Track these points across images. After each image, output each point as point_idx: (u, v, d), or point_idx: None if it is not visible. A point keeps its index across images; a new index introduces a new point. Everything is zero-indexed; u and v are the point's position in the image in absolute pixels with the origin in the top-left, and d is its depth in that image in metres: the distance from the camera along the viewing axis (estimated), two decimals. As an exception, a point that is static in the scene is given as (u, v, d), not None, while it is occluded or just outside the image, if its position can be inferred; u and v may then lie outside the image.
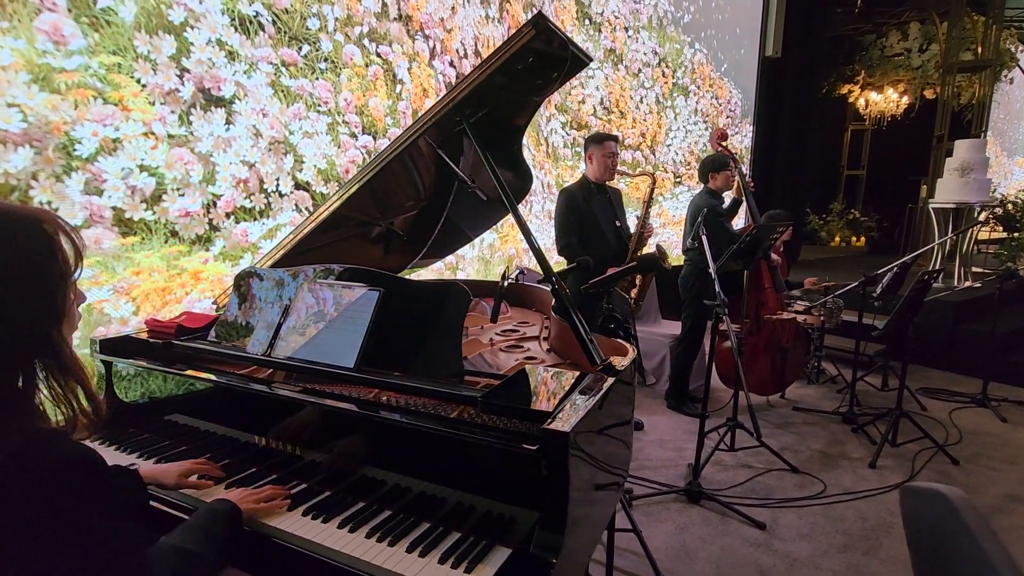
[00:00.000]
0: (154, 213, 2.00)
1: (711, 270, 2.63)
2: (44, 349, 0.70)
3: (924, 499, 0.99)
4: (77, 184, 1.78)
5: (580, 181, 3.25)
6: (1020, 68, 8.64)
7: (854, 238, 10.75)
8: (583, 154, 3.23)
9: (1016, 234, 6.13)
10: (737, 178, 3.61)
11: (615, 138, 3.19)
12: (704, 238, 2.67)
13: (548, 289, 2.46)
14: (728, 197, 3.73)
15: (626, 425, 1.47)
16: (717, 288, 2.56)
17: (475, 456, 1.14)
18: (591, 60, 1.68)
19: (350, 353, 1.36)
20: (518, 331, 2.16)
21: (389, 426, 1.20)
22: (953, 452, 3.11)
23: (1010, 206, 6.36)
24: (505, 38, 4.18)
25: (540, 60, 1.48)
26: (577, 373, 1.34)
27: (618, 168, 3.22)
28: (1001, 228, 6.35)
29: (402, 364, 1.33)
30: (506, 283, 1.95)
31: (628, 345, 1.58)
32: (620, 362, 1.43)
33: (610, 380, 1.28)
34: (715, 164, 3.59)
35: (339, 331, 1.40)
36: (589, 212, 3.15)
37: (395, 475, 1.20)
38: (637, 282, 3.40)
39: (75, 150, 1.76)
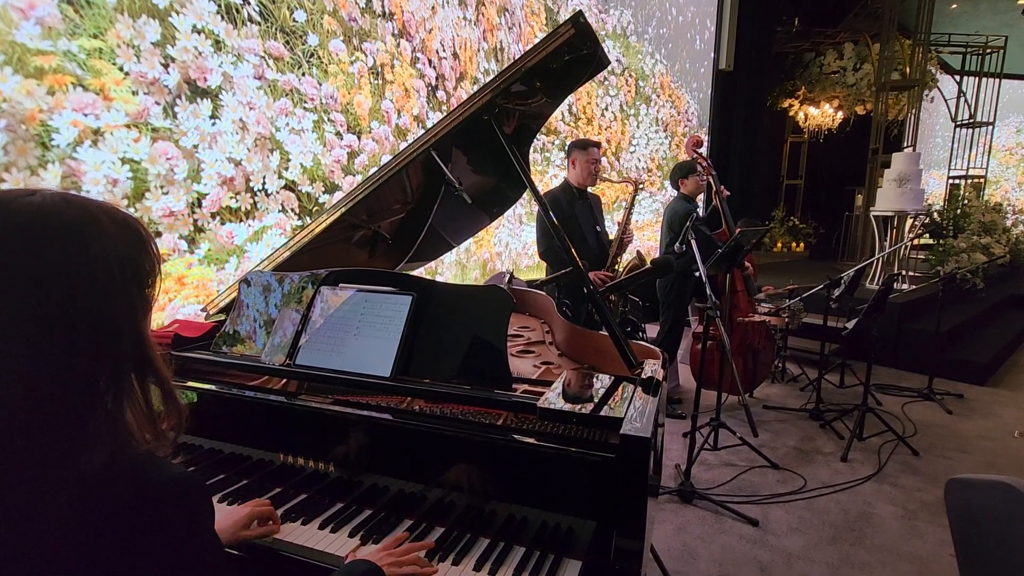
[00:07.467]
0: (136, 211, 1.83)
1: (699, 273, 2.69)
2: (141, 357, 0.61)
3: (983, 491, 1.03)
4: (54, 178, 1.59)
5: (563, 185, 3.24)
6: (939, 89, 9.43)
7: (794, 244, 11.38)
8: (567, 159, 3.24)
9: (943, 240, 6.63)
10: (713, 185, 3.73)
11: (599, 144, 3.21)
12: (693, 242, 2.72)
13: (541, 293, 2.47)
14: (701, 201, 3.85)
15: (663, 425, 1.47)
16: (709, 291, 2.62)
17: (530, 466, 1.10)
18: (610, 63, 1.69)
19: (384, 361, 1.28)
20: (522, 336, 2.12)
21: (436, 437, 1.14)
22: (912, 444, 3.31)
23: (936, 215, 6.87)
24: (480, 40, 4.18)
25: (573, 59, 1.47)
26: (618, 377, 1.32)
27: (601, 175, 3.25)
28: (928, 236, 6.85)
29: (442, 372, 1.26)
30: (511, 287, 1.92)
31: (655, 348, 1.58)
32: (654, 364, 1.42)
33: (659, 382, 1.27)
34: (683, 170, 3.72)
35: (370, 339, 1.31)
36: (572, 216, 3.16)
37: (439, 490, 1.13)
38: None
39: (52, 140, 1.58)
